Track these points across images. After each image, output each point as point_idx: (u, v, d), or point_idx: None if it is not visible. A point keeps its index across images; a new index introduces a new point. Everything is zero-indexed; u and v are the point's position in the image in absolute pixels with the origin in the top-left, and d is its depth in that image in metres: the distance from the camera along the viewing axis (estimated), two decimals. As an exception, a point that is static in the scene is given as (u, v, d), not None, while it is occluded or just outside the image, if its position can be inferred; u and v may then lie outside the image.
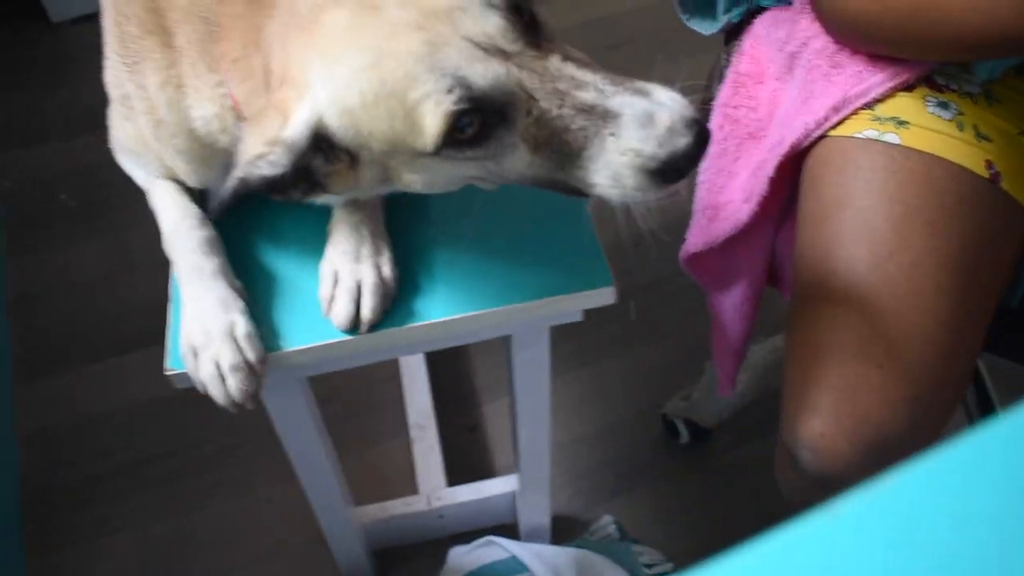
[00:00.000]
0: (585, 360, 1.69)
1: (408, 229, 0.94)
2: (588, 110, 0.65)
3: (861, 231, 0.90)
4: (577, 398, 1.65)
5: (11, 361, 1.74)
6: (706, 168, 1.10)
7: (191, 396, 0.87)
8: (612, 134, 0.65)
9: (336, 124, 0.69)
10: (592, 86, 0.66)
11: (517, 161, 0.69)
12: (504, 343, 1.05)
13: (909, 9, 0.84)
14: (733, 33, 1.18)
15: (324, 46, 0.68)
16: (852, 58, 0.98)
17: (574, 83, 0.66)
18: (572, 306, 0.90)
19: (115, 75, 0.87)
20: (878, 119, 0.94)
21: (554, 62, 0.67)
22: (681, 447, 1.57)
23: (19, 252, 1.93)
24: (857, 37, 0.95)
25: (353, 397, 1.64)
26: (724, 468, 1.56)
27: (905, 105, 0.94)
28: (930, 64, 0.95)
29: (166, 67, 0.80)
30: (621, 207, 0.70)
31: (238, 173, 0.71)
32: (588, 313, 0.93)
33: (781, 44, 1.06)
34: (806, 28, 1.03)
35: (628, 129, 0.64)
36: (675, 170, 0.65)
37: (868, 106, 0.95)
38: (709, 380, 1.53)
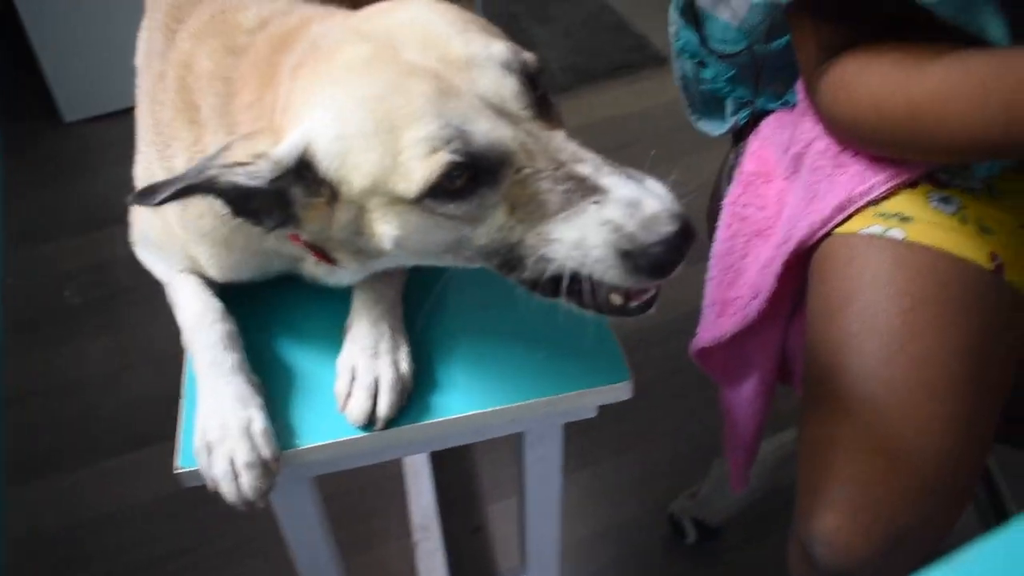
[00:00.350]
0: (591, 459, 1.68)
1: (424, 324, 0.94)
2: (579, 180, 0.66)
3: (869, 325, 0.90)
4: (584, 497, 1.62)
5: (5, 462, 1.71)
6: (714, 264, 1.12)
7: (195, 496, 0.86)
8: (596, 203, 0.65)
9: (326, 150, 0.69)
10: (591, 163, 0.67)
11: (492, 223, 0.68)
12: (513, 441, 1.04)
13: (904, 116, 0.86)
14: (741, 134, 1.21)
15: (336, 75, 0.69)
16: (855, 158, 0.99)
17: (574, 157, 0.67)
18: (589, 402, 0.90)
19: (146, 167, 0.88)
20: (883, 215, 0.95)
21: (558, 136, 0.68)
22: (689, 546, 1.54)
23: (20, 350, 1.92)
24: (856, 141, 0.98)
25: (356, 496, 1.61)
26: (733, 567, 1.53)
27: (908, 201, 0.96)
28: (931, 163, 0.97)
29: (192, 143, 0.81)
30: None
31: (210, 172, 0.69)
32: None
33: (785, 145, 1.08)
34: (809, 130, 1.05)
35: (613, 204, 0.64)
36: (648, 260, 0.64)
37: (872, 203, 0.97)
38: (716, 477, 1.52)
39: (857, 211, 0.97)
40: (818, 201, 0.99)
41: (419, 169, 0.65)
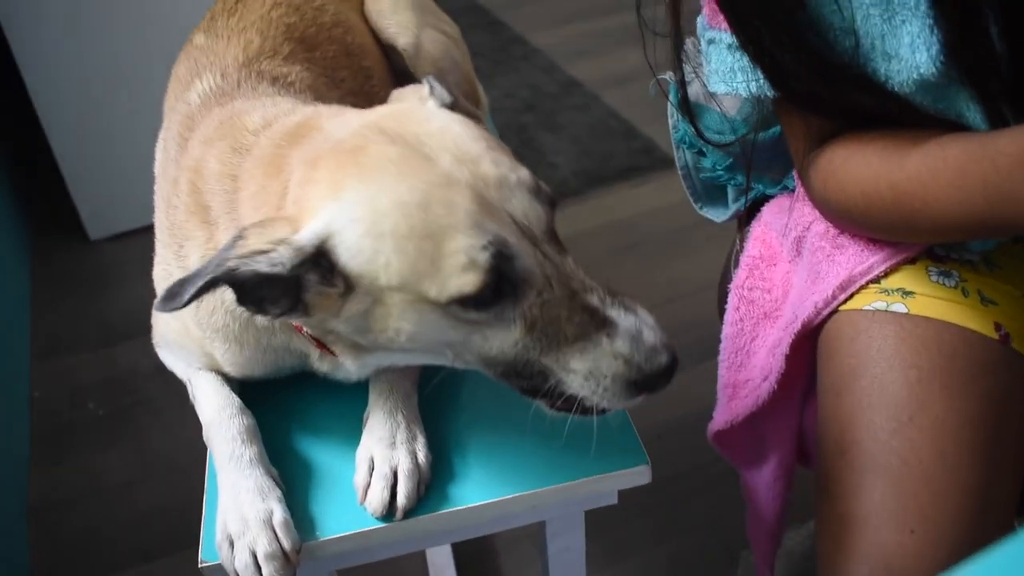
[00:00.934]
0: (616, 558, 1.65)
1: (440, 414, 0.95)
2: (591, 311, 0.73)
3: (877, 398, 0.90)
4: (610, 595, 1.59)
5: (29, 572, 1.70)
6: (725, 348, 1.13)
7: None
8: (608, 336, 0.72)
9: (352, 244, 0.71)
10: (596, 293, 0.73)
11: (507, 337, 0.73)
12: (536, 537, 1.03)
13: (891, 202, 0.87)
14: (745, 219, 1.24)
15: (367, 173, 0.71)
16: (853, 239, 1.01)
17: (583, 286, 0.74)
18: (608, 487, 0.90)
19: (163, 268, 0.92)
20: (885, 291, 0.96)
21: (569, 262, 0.75)
22: (722, 644, 1.50)
23: (44, 461, 1.94)
24: (849, 224, 1.00)
25: (379, 599, 1.59)
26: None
27: (909, 276, 0.97)
28: (925, 243, 0.98)
29: (205, 242, 0.85)
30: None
31: (230, 263, 0.70)
32: (618, 507, 0.93)
33: (786, 230, 1.10)
34: (808, 214, 1.07)
35: (622, 338, 0.72)
36: (650, 384, 0.73)
37: (874, 280, 0.98)
38: (745, 569, 1.49)
39: (859, 289, 0.98)
40: (820, 282, 1.01)
41: (457, 279, 0.69)
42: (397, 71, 1.27)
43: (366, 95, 1.14)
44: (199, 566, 0.84)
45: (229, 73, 0.98)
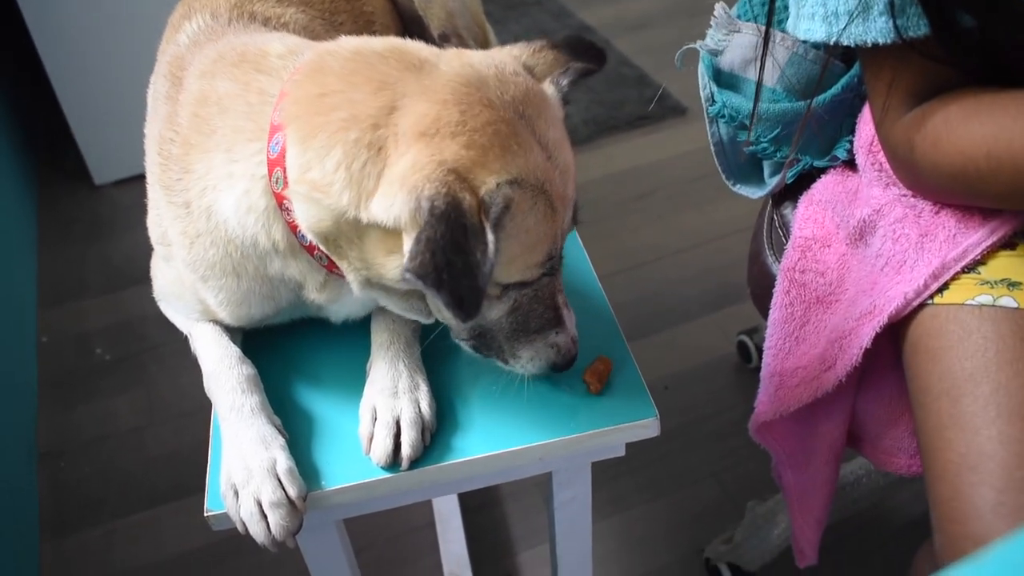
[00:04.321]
0: (622, 506, 1.65)
1: (445, 365, 0.95)
2: (555, 310, 0.84)
3: (1007, 407, 0.84)
4: (617, 545, 1.60)
5: (39, 515, 1.72)
6: (772, 334, 1.09)
7: (224, 547, 0.85)
8: (556, 332, 0.85)
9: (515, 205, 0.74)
10: (562, 293, 0.85)
11: (500, 308, 0.82)
12: (543, 488, 1.03)
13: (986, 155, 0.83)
14: (779, 195, 1.20)
15: (520, 138, 0.74)
16: (941, 223, 0.96)
17: (559, 288, 0.85)
18: (616, 439, 0.89)
19: (155, 215, 0.90)
20: (987, 283, 0.91)
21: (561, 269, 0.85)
22: (726, 594, 1.51)
23: (53, 407, 1.94)
24: (952, 192, 0.93)
25: (387, 546, 1.60)
26: (772, 615, 1.49)
27: (1011, 265, 0.91)
28: (1022, 217, 0.93)
29: (205, 174, 0.82)
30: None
31: (488, 243, 0.70)
32: (624, 457, 0.92)
33: (847, 211, 1.05)
34: (878, 196, 1.01)
35: (562, 335, 0.85)
36: (562, 368, 0.87)
37: (969, 269, 0.93)
38: (751, 521, 1.49)
39: (952, 279, 0.93)
40: (907, 271, 0.96)
41: (523, 276, 0.79)
42: (404, 16, 1.24)
43: None
44: (205, 515, 0.84)
45: (220, 13, 0.95)
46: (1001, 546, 0.30)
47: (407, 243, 0.70)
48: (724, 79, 1.15)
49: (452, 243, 0.67)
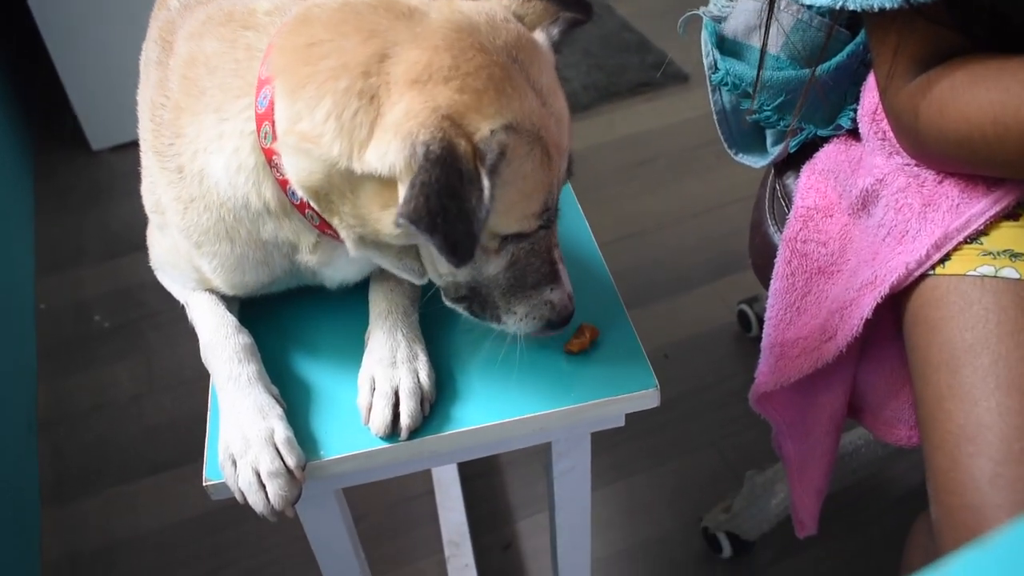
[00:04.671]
0: (622, 473, 1.66)
1: (444, 335, 0.94)
2: (551, 264, 0.83)
3: (1007, 378, 0.83)
4: (615, 512, 1.60)
5: (39, 484, 1.73)
6: (773, 304, 1.08)
7: (223, 515, 0.85)
8: (551, 288, 0.84)
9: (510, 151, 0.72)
10: (558, 248, 0.84)
11: (489, 266, 0.81)
12: (542, 456, 1.03)
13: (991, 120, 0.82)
14: (781, 165, 1.18)
15: (513, 83, 0.73)
16: (944, 192, 0.94)
17: (555, 242, 0.84)
18: (615, 410, 0.89)
19: (149, 182, 0.89)
20: (990, 254, 0.90)
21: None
22: (724, 561, 1.51)
23: (52, 374, 1.94)
24: (956, 160, 0.92)
25: (386, 514, 1.61)
26: (770, 583, 1.50)
27: (1014, 236, 0.91)
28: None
29: (195, 137, 0.80)
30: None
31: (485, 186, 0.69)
32: (624, 426, 0.92)
33: (850, 180, 1.04)
34: (881, 165, 1.00)
35: (557, 291, 0.84)
36: (557, 325, 0.85)
37: (972, 239, 0.92)
38: (750, 491, 1.49)
39: (955, 249, 0.92)
40: (909, 240, 0.94)
41: (520, 227, 0.78)
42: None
43: None
44: (203, 484, 0.84)
45: None
46: (1006, 531, 0.29)
47: (402, 191, 0.69)
48: (727, 46, 1.14)
49: (447, 188, 0.66)
